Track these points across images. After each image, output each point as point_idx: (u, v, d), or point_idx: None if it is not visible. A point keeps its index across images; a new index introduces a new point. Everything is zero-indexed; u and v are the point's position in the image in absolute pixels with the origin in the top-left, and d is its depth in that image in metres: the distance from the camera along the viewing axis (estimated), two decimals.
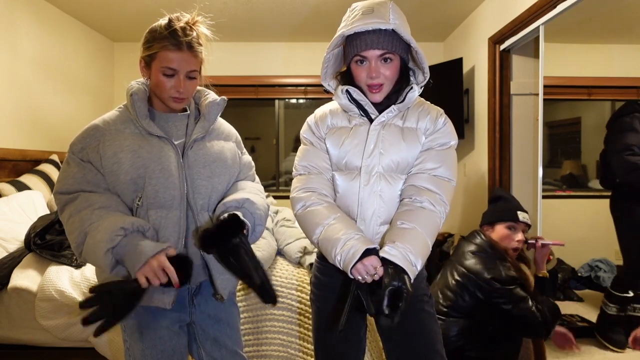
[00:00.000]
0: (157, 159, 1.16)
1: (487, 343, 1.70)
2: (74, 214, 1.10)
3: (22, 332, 2.04)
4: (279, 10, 3.42)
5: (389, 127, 1.20)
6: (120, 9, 3.39)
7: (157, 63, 1.16)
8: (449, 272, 1.80)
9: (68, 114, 3.50)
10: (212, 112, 1.28)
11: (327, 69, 1.25)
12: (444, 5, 3.38)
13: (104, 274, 1.18)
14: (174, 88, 1.17)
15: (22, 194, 2.56)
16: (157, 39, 1.16)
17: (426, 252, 1.13)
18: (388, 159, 1.18)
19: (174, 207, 1.17)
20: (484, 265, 1.70)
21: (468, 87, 3.62)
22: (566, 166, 4.65)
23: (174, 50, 1.14)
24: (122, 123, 1.20)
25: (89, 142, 1.16)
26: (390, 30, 1.11)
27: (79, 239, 1.08)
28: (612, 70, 4.13)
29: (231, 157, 1.30)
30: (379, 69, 1.15)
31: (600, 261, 4.07)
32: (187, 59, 1.16)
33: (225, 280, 1.23)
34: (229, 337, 1.30)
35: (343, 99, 1.22)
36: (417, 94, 1.21)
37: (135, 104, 1.18)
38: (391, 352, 1.25)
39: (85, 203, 1.11)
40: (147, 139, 1.18)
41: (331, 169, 1.26)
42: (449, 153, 1.22)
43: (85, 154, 1.15)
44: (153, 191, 1.14)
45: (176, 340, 1.22)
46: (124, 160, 1.13)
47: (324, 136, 1.26)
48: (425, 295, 1.24)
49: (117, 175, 1.14)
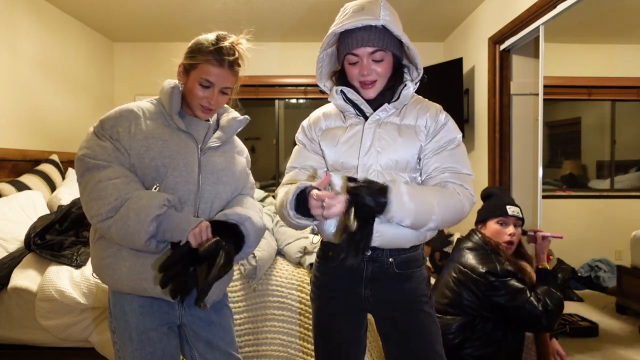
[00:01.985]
0: (183, 153, 1.21)
1: (486, 340, 1.69)
2: (104, 179, 1.12)
3: (22, 332, 2.04)
4: (279, 10, 3.41)
5: (385, 125, 1.19)
6: (120, 9, 3.39)
7: (197, 73, 1.22)
8: (448, 272, 1.81)
9: (68, 114, 3.50)
10: (233, 126, 1.34)
11: (321, 69, 1.25)
12: (444, 5, 3.38)
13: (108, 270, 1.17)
14: (207, 99, 1.23)
15: (22, 194, 2.56)
16: (202, 52, 1.22)
17: (426, 204, 1.07)
18: (386, 157, 1.17)
19: (189, 203, 1.21)
20: (479, 259, 1.71)
21: (468, 87, 3.62)
22: (566, 166, 4.65)
23: (216, 66, 1.21)
24: (156, 114, 1.25)
25: (122, 122, 1.19)
26: (381, 27, 1.11)
27: (115, 203, 1.10)
28: (612, 70, 4.13)
29: (240, 169, 1.35)
30: (370, 67, 1.15)
31: (600, 261, 4.07)
32: (225, 76, 1.23)
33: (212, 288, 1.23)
34: (221, 339, 1.31)
35: (338, 99, 1.23)
36: (412, 91, 1.21)
37: (173, 97, 1.25)
38: (390, 353, 1.25)
39: (118, 173, 1.14)
40: (177, 133, 1.24)
41: (323, 166, 1.26)
42: (460, 149, 1.21)
43: (116, 131, 1.18)
44: (174, 182, 1.19)
45: (166, 342, 1.22)
46: (153, 147, 1.18)
47: (317, 138, 1.27)
48: (425, 296, 1.23)
49: (143, 159, 1.17)
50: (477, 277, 1.66)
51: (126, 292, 1.19)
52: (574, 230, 4.18)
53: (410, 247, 1.21)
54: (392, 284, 1.20)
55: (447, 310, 1.72)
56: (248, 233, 1.23)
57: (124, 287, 1.17)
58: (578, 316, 3.07)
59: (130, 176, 1.15)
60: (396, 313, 1.21)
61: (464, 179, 1.17)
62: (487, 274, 1.65)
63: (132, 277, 1.15)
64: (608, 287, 3.88)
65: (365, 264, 1.20)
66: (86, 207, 1.15)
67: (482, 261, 1.70)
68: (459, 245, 1.85)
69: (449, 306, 1.72)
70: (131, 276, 1.15)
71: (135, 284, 1.16)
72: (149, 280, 1.15)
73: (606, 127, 4.48)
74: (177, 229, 1.12)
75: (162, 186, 1.18)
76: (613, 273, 3.90)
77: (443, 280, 1.81)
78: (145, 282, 1.15)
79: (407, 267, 1.21)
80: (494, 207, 1.88)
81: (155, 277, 1.14)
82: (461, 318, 1.70)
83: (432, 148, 1.19)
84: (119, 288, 1.19)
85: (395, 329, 1.22)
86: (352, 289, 1.22)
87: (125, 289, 1.18)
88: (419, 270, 1.23)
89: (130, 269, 1.16)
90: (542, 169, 2.77)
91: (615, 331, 2.94)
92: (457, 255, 1.80)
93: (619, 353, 2.60)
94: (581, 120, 4.59)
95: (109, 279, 1.19)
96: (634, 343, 2.75)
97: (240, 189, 1.37)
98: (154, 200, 1.10)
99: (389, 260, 1.19)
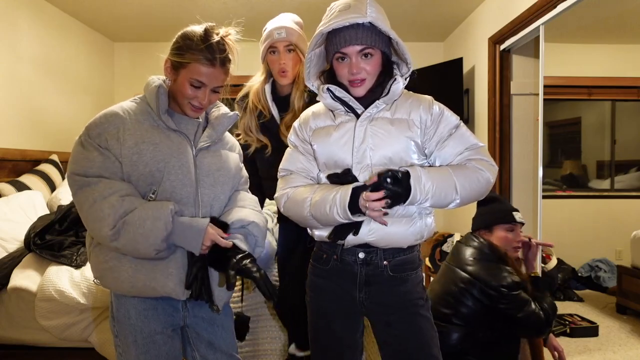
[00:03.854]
0: (177, 154, 1.17)
1: (487, 346, 1.69)
2: (98, 199, 1.08)
3: (22, 332, 2.04)
4: (279, 11, 3.40)
5: (376, 121, 1.18)
6: (120, 9, 3.39)
7: (187, 73, 1.16)
8: (449, 278, 1.77)
9: (68, 114, 3.50)
10: (223, 124, 1.30)
11: (310, 69, 1.24)
12: (444, 5, 3.38)
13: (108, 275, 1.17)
14: (197, 99, 1.19)
15: (22, 194, 2.56)
16: (192, 50, 1.16)
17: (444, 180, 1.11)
18: (379, 154, 1.16)
19: (190, 204, 1.19)
20: (489, 271, 1.68)
21: (468, 87, 3.62)
22: (566, 166, 4.65)
23: (207, 66, 1.16)
24: (141, 114, 1.19)
25: (108, 128, 1.14)
26: (368, 25, 1.11)
27: (116, 225, 1.08)
28: (612, 70, 4.13)
29: (235, 166, 1.32)
30: (359, 65, 1.14)
31: (600, 261, 4.07)
32: (217, 75, 1.19)
33: (222, 291, 1.23)
34: (223, 340, 1.30)
35: (327, 98, 1.21)
36: (402, 86, 1.19)
37: (160, 97, 1.18)
38: (387, 357, 1.24)
39: (110, 189, 1.09)
40: (167, 133, 1.19)
41: (313, 169, 1.25)
42: (463, 129, 1.21)
43: (104, 139, 1.13)
44: (171, 187, 1.16)
45: (170, 345, 1.21)
46: (145, 152, 1.14)
47: (309, 139, 1.25)
48: (421, 299, 1.22)
49: (137, 166, 1.13)
50: (489, 290, 1.64)
51: (131, 294, 1.16)
52: (574, 230, 4.18)
53: (407, 248, 1.20)
54: (387, 288, 1.19)
55: (450, 319, 1.69)
56: (257, 237, 1.26)
57: (129, 289, 1.15)
58: (578, 316, 3.07)
59: (124, 189, 1.11)
60: (392, 317, 1.20)
61: (480, 152, 1.18)
62: (500, 287, 1.63)
63: (138, 278, 1.13)
64: (608, 287, 3.88)
65: (359, 267, 1.19)
66: (89, 229, 1.14)
67: (492, 273, 1.67)
68: (460, 251, 1.81)
69: (453, 315, 1.69)
70: (136, 277, 1.13)
71: (142, 284, 1.14)
72: (157, 279, 1.14)
73: (606, 127, 4.48)
74: (186, 239, 1.14)
75: (159, 190, 1.15)
76: (613, 273, 3.90)
77: (443, 287, 1.78)
78: (154, 282, 1.14)
79: (402, 270, 1.19)
80: (500, 213, 1.83)
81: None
82: (464, 328, 1.67)
83: (437, 140, 1.19)
84: (123, 291, 1.16)
85: (391, 333, 1.21)
86: (347, 292, 1.21)
87: (131, 292, 1.15)
88: (415, 273, 1.22)
89: (135, 270, 1.13)
90: (542, 169, 2.77)
91: (615, 331, 2.94)
92: (461, 263, 1.76)
93: (619, 353, 2.60)
94: (581, 120, 4.59)
95: (112, 282, 1.16)
96: (634, 343, 2.75)
97: (236, 186, 1.35)
98: (158, 221, 1.08)
99: (383, 263, 1.18)
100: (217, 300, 1.22)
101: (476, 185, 1.14)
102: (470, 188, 1.13)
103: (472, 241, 1.82)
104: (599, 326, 2.89)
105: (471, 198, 1.16)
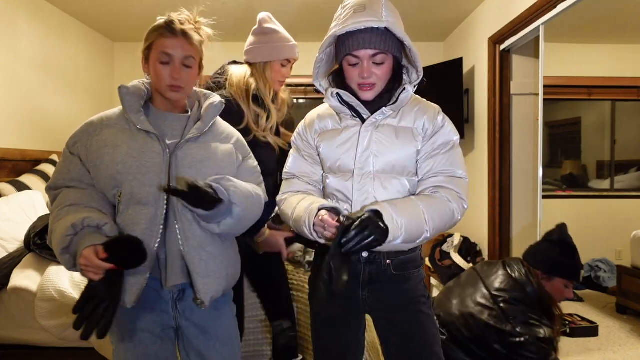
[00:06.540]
0: (137, 155, 1.15)
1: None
2: (53, 211, 1.15)
3: (22, 332, 2.04)
4: (279, 11, 3.41)
5: (382, 127, 1.17)
6: (120, 9, 3.39)
7: (154, 53, 1.19)
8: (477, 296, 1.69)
9: (68, 114, 3.50)
10: (210, 114, 1.26)
11: (319, 69, 1.22)
12: (444, 5, 3.38)
13: None
14: (170, 76, 1.18)
15: (22, 194, 2.56)
16: (155, 30, 1.20)
17: (416, 217, 1.06)
18: (382, 161, 1.15)
19: (150, 204, 1.14)
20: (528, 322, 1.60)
21: (468, 87, 3.62)
22: (566, 166, 4.65)
23: (169, 37, 1.18)
24: (117, 119, 1.21)
25: (81, 137, 1.19)
26: (383, 29, 1.08)
27: (49, 238, 1.12)
28: (612, 70, 4.13)
29: (224, 157, 1.25)
30: (371, 69, 1.12)
31: (600, 261, 4.07)
32: (181, 45, 1.18)
33: (208, 284, 1.17)
34: (218, 353, 1.24)
35: (333, 101, 1.20)
36: (410, 95, 1.18)
37: (124, 97, 1.19)
38: (389, 355, 1.25)
39: (61, 200, 1.14)
40: (134, 134, 1.17)
41: (318, 172, 1.25)
42: (455, 151, 1.19)
43: (76, 148, 1.18)
44: (129, 187, 1.14)
45: (159, 345, 1.19)
46: (106, 156, 1.15)
47: (314, 142, 1.25)
48: (423, 297, 1.22)
49: (99, 170, 1.15)
50: (524, 339, 1.58)
51: None
52: (573, 230, 4.13)
53: (408, 250, 1.20)
54: (390, 286, 1.19)
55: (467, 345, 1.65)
56: (228, 188, 1.14)
57: None
58: (578, 316, 3.07)
59: (71, 198, 1.13)
60: (395, 314, 1.20)
61: (456, 183, 1.15)
62: (538, 340, 1.58)
63: None
64: (608, 287, 3.88)
65: (363, 266, 1.19)
66: None
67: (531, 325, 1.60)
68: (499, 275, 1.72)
69: (472, 342, 1.64)
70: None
71: None
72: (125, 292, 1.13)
73: (606, 127, 4.48)
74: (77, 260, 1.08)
75: (122, 194, 1.14)
76: (613, 273, 3.90)
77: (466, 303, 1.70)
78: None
79: (404, 268, 1.20)
80: (571, 270, 1.78)
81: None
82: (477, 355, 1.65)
83: (427, 150, 1.17)
84: None
85: (394, 331, 1.21)
86: (350, 291, 1.21)
87: None
88: (417, 271, 1.23)
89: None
90: (542, 169, 2.77)
91: (615, 331, 2.93)
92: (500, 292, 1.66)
93: (619, 353, 2.60)
94: (581, 120, 4.59)
95: None
96: (634, 343, 2.75)
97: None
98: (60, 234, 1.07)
99: (386, 262, 1.18)
100: (201, 293, 1.17)
101: (445, 223, 1.12)
102: (442, 226, 1.11)
103: (518, 271, 1.72)
104: (599, 326, 2.89)
105: (440, 229, 1.13)
